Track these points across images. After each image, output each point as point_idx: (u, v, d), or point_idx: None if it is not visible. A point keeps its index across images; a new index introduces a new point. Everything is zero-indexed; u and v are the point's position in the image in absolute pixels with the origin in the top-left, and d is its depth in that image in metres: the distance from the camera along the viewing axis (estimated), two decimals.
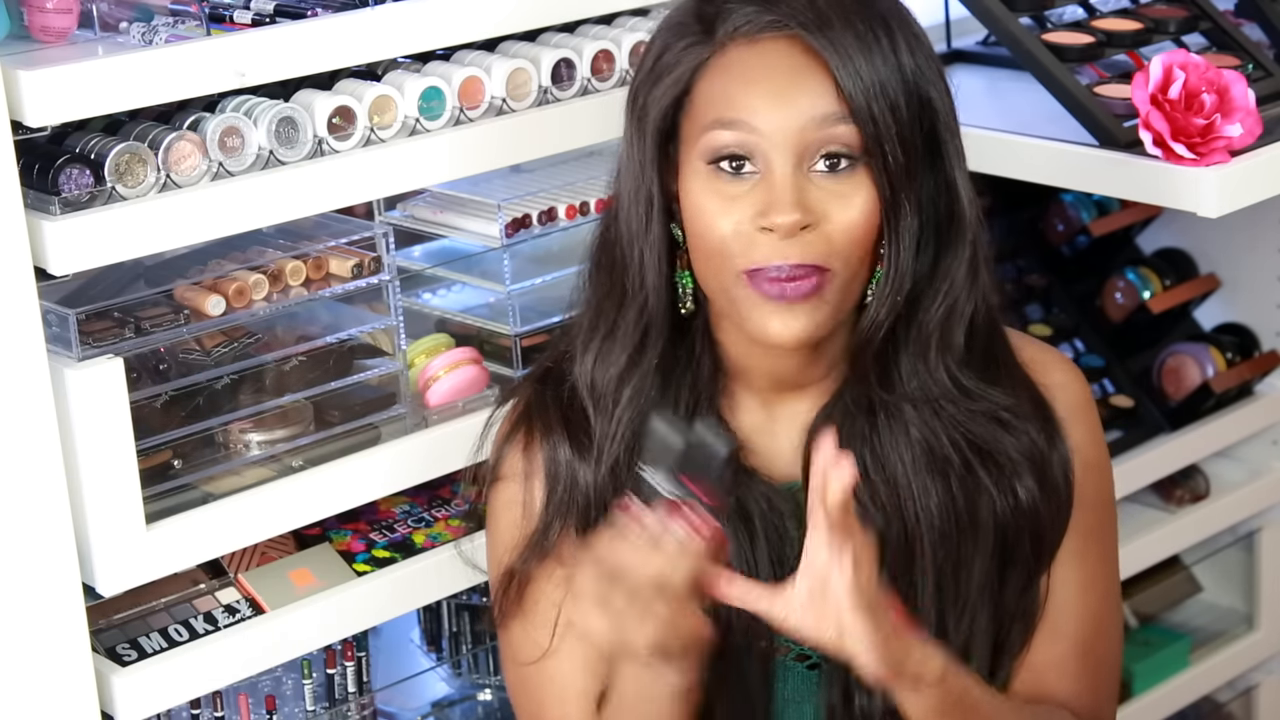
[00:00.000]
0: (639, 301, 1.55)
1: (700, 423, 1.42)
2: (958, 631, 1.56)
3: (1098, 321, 2.51)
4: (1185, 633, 2.57)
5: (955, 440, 1.54)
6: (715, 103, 1.49)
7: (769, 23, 1.48)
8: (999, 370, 1.58)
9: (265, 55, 1.65)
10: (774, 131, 1.46)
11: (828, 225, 1.46)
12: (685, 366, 1.57)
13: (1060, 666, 1.60)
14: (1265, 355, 2.53)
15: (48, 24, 1.65)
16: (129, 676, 1.67)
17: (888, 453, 1.55)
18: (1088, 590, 1.61)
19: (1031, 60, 1.97)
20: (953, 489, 1.54)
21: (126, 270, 1.71)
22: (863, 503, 1.53)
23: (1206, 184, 1.80)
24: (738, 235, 1.47)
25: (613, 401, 1.56)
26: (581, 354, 1.59)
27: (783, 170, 1.46)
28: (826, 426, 1.53)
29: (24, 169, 1.55)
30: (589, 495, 1.58)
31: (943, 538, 1.54)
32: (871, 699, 1.54)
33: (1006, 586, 1.57)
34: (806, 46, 1.46)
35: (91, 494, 1.60)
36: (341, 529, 1.87)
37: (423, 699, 2.10)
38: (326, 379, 1.80)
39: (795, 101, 1.46)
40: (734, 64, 1.48)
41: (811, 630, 1.37)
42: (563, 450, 1.59)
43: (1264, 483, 2.54)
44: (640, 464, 1.40)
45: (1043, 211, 2.52)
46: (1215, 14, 2.11)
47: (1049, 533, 1.58)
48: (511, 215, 1.89)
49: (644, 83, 1.53)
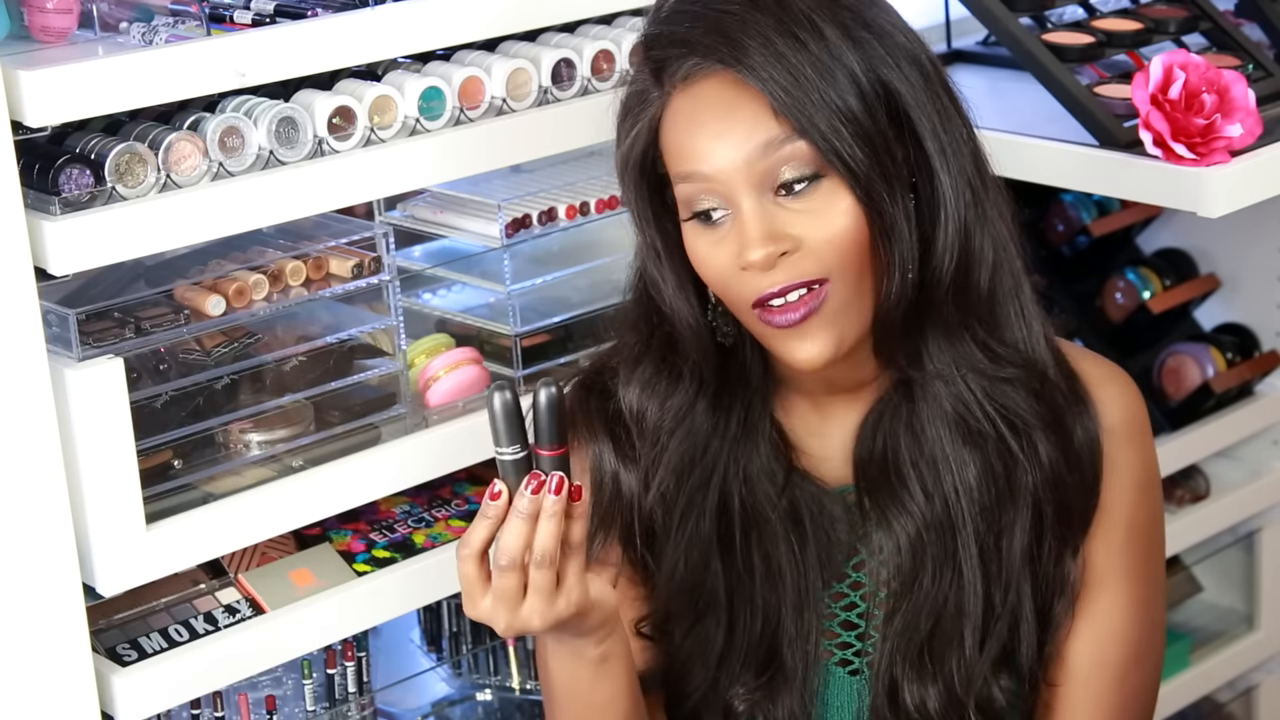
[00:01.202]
0: (686, 341, 1.54)
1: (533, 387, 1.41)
2: (1005, 604, 1.54)
3: (1098, 321, 2.51)
4: (1185, 633, 2.57)
5: (987, 412, 1.52)
6: (672, 156, 1.48)
7: (694, 65, 1.45)
8: (1026, 334, 1.55)
9: (265, 55, 1.65)
10: (722, 171, 1.44)
11: (807, 245, 1.44)
12: (737, 378, 1.56)
13: (1093, 700, 1.58)
14: (1265, 355, 2.53)
15: (48, 24, 1.65)
16: (129, 677, 1.67)
17: (926, 431, 1.53)
18: (1130, 615, 1.59)
19: (1031, 60, 1.97)
20: (990, 459, 1.53)
21: (126, 270, 1.71)
22: (911, 494, 1.53)
23: (1206, 184, 1.80)
24: (731, 276, 1.46)
25: (665, 437, 1.55)
26: (627, 382, 1.58)
27: (747, 207, 1.44)
28: (875, 433, 1.54)
29: (24, 169, 1.55)
30: (633, 512, 1.57)
31: (983, 509, 1.53)
32: (924, 697, 1.53)
33: (1043, 557, 1.55)
34: (735, 78, 1.43)
35: (91, 494, 1.60)
36: (341, 529, 1.87)
37: (423, 699, 2.11)
38: (326, 379, 1.80)
39: (732, 137, 1.44)
40: (679, 113, 1.47)
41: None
42: (608, 457, 1.58)
43: (1264, 483, 2.54)
44: (495, 448, 1.40)
45: (1043, 211, 2.52)
46: (1215, 14, 2.11)
47: (1075, 502, 1.55)
48: (511, 215, 1.89)
49: (619, 141, 1.52)
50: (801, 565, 1.55)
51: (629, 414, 1.58)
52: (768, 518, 1.56)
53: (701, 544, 1.57)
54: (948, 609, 1.54)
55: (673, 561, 1.57)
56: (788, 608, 1.56)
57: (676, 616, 1.59)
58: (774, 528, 1.56)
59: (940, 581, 1.53)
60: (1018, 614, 1.55)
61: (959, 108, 1.50)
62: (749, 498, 1.56)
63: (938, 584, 1.53)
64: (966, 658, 1.54)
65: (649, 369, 1.57)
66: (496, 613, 1.41)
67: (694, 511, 1.56)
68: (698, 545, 1.57)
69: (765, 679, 1.56)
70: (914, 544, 1.53)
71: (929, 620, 1.54)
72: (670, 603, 1.58)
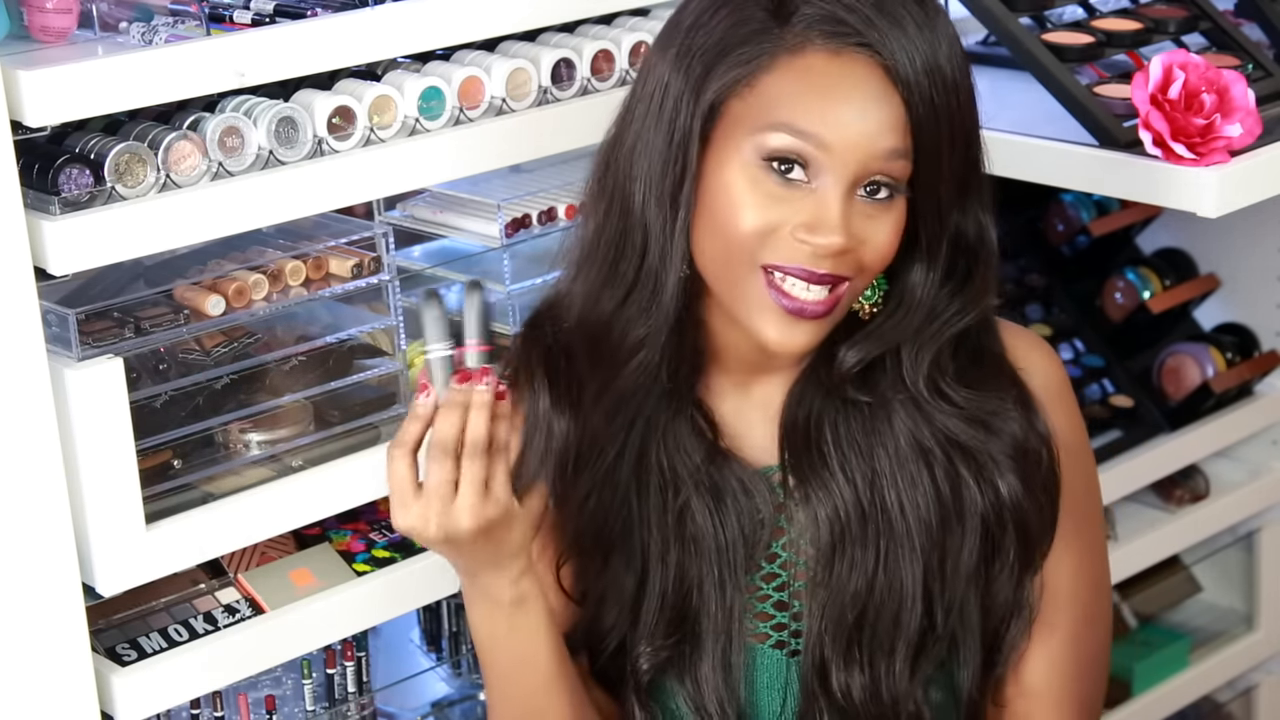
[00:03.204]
0: (663, 276, 1.51)
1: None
2: (945, 622, 1.56)
3: (1098, 321, 2.51)
4: (1185, 633, 2.58)
5: (937, 435, 1.54)
6: (784, 104, 1.45)
7: (854, 34, 1.44)
8: (985, 367, 1.57)
9: (265, 55, 1.65)
10: (844, 152, 1.44)
11: (862, 249, 1.46)
12: (673, 339, 1.54)
13: (1050, 658, 1.60)
14: (1265, 355, 2.53)
15: (48, 24, 1.65)
16: (129, 676, 1.67)
17: (870, 441, 1.55)
18: (1077, 579, 1.61)
19: (1031, 60, 1.97)
20: (937, 480, 1.55)
21: (126, 270, 1.71)
22: (832, 473, 1.54)
23: (1206, 184, 1.80)
24: (771, 235, 1.45)
25: (623, 361, 1.54)
26: (590, 301, 1.55)
27: (836, 192, 1.45)
28: (800, 404, 1.55)
29: (24, 169, 1.55)
30: (564, 446, 1.57)
31: (928, 528, 1.54)
32: (850, 684, 1.54)
33: (995, 580, 1.57)
34: (885, 73, 1.44)
35: (91, 494, 1.60)
36: (341, 529, 1.87)
37: (422, 699, 2.10)
38: (326, 379, 1.80)
39: (870, 129, 1.44)
40: (814, 72, 1.45)
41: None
42: (543, 401, 1.58)
43: (1264, 483, 2.55)
44: (425, 346, 1.47)
45: (1043, 211, 2.52)
46: (1215, 14, 2.11)
47: (1035, 527, 1.57)
48: (511, 215, 1.89)
49: (703, 51, 1.48)
50: (724, 540, 1.56)
51: (587, 336, 1.56)
52: (683, 488, 1.57)
53: (616, 487, 1.58)
54: (876, 606, 1.54)
55: (586, 490, 1.58)
56: (707, 580, 1.57)
57: (588, 553, 1.61)
58: (692, 499, 1.57)
59: (862, 570, 1.54)
60: (959, 636, 1.57)
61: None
62: (667, 463, 1.58)
63: (859, 571, 1.54)
64: (896, 670, 1.55)
65: (624, 290, 1.54)
66: (429, 510, 1.45)
67: (614, 449, 1.57)
68: (611, 485, 1.58)
69: (673, 641, 1.57)
70: (832, 521, 1.54)
71: (854, 607, 1.54)
72: (580, 536, 1.59)
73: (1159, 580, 2.57)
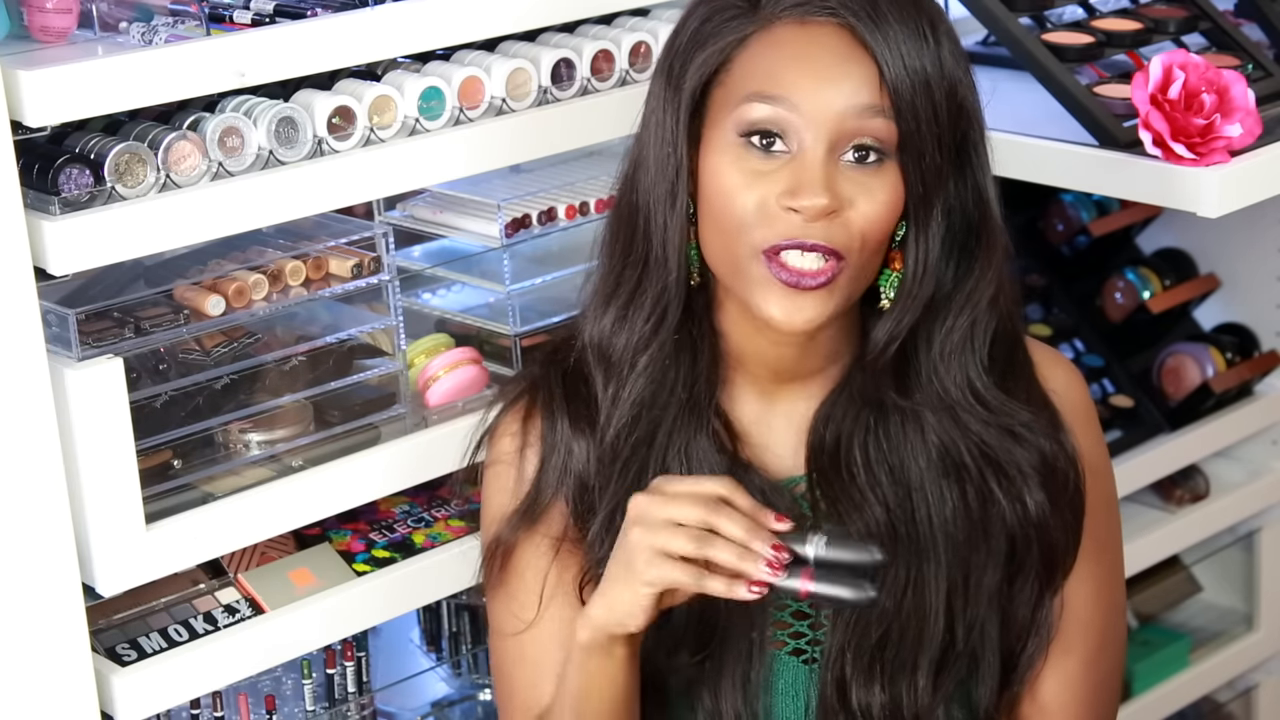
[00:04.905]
0: (661, 272, 1.53)
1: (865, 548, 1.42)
2: (966, 639, 1.55)
3: (1097, 321, 2.51)
4: (1185, 633, 2.58)
5: (970, 448, 1.53)
6: (756, 76, 1.47)
7: (821, 6, 1.46)
8: (1017, 381, 1.56)
9: (265, 55, 1.65)
10: (814, 113, 1.45)
11: (851, 213, 1.45)
12: (687, 350, 1.56)
13: (1066, 679, 1.60)
14: (1265, 355, 2.53)
15: (48, 24, 1.65)
16: (129, 676, 1.67)
17: (902, 455, 1.54)
18: (1095, 602, 1.61)
19: (1031, 60, 1.97)
20: (968, 496, 1.54)
21: (126, 270, 1.71)
22: (863, 493, 1.53)
23: (1206, 184, 1.80)
24: (761, 211, 1.46)
25: (628, 367, 1.55)
26: (598, 317, 1.57)
27: (815, 153, 1.45)
28: (828, 424, 1.54)
29: (24, 169, 1.55)
30: (585, 466, 1.57)
31: (956, 544, 1.54)
32: (870, 702, 1.53)
33: (1016, 599, 1.57)
34: (855, 36, 1.45)
35: (91, 494, 1.60)
36: (341, 529, 1.87)
37: (422, 699, 2.10)
38: (326, 379, 1.80)
39: (839, 86, 1.45)
40: (781, 40, 1.47)
41: None
42: (562, 424, 1.58)
43: (1264, 483, 2.55)
44: (823, 529, 1.42)
45: (1043, 211, 2.52)
46: (1215, 14, 2.11)
47: (1060, 547, 1.57)
48: (511, 215, 1.89)
49: (683, 49, 1.51)
50: None
51: (593, 353, 1.57)
52: None
53: None
54: (901, 626, 1.53)
55: (609, 510, 1.56)
56: None
57: None
58: None
59: (891, 589, 1.52)
60: (979, 653, 1.56)
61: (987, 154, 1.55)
62: (686, 474, 1.56)
63: (887, 590, 1.52)
64: (919, 688, 1.54)
65: (622, 300, 1.55)
66: (669, 512, 1.41)
67: (635, 466, 1.56)
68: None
69: (701, 659, 1.56)
70: None
71: (879, 625, 1.53)
72: (600, 553, 1.57)
73: (1159, 580, 2.57)
